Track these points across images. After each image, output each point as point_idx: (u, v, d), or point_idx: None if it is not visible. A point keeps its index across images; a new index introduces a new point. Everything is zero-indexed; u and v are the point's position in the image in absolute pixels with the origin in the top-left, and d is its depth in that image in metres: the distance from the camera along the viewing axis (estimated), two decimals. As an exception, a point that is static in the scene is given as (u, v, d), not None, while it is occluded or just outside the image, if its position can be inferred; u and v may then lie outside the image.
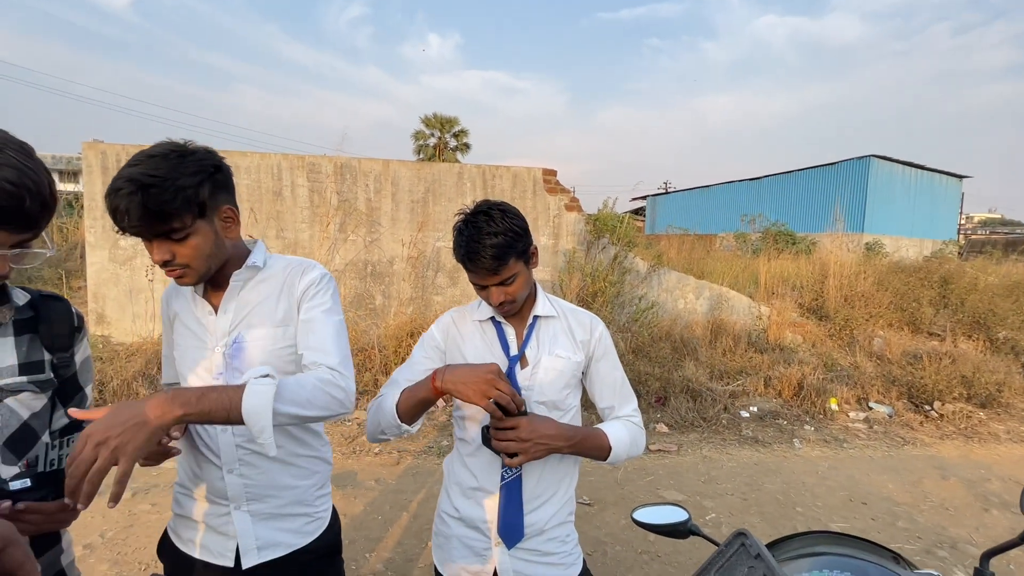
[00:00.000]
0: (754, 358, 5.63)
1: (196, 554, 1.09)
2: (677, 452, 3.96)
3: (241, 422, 0.86)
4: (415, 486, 3.26)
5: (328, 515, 1.21)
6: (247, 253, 1.11)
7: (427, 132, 26.04)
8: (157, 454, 0.95)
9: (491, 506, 1.16)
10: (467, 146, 26.47)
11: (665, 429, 4.34)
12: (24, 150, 0.78)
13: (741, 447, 4.11)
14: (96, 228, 5.28)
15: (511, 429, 1.02)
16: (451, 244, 1.14)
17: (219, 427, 1.04)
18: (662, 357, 5.28)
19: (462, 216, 1.12)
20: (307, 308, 1.08)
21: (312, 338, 1.05)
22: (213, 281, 1.09)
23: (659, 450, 3.96)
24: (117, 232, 0.94)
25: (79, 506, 0.74)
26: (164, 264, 0.97)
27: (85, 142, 5.26)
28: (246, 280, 1.09)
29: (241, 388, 0.87)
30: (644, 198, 29.70)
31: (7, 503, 0.74)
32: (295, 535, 1.12)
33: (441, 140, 25.97)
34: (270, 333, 1.07)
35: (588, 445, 1.12)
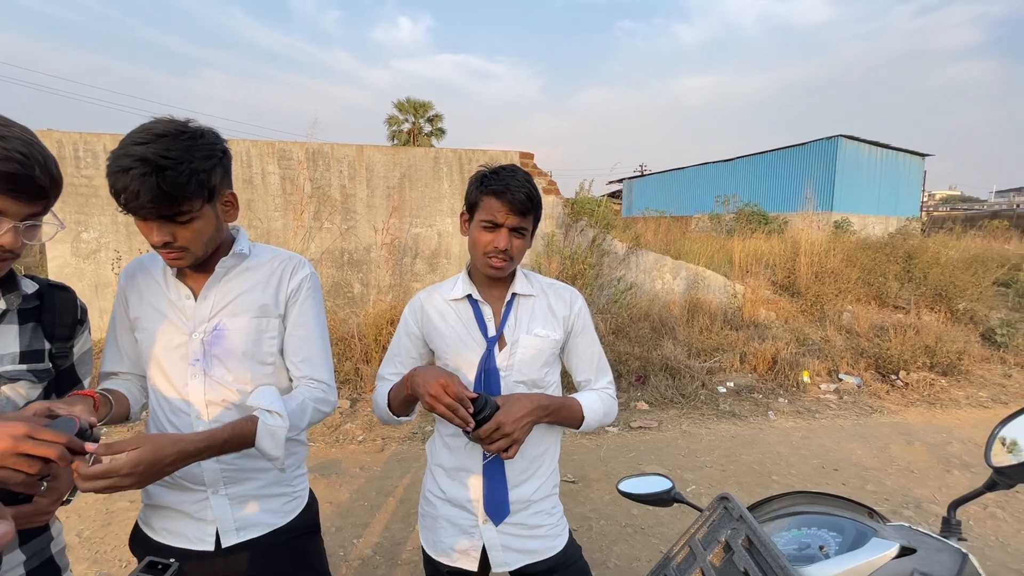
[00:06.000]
0: (730, 335, 5.76)
1: (172, 542, 1.07)
2: (658, 428, 4.05)
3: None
4: (400, 471, 3.27)
5: (306, 494, 1.22)
6: (231, 239, 1.10)
7: (400, 117, 25.54)
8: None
9: (475, 485, 1.17)
10: (442, 131, 26.08)
11: (646, 406, 4.43)
12: (28, 131, 0.81)
13: (719, 421, 4.23)
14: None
15: (495, 430, 1.01)
16: (428, 229, 1.15)
17: (194, 415, 1.03)
18: (641, 337, 5.36)
19: (488, 168, 1.14)
20: (299, 312, 1.12)
21: (304, 349, 1.12)
22: (193, 264, 1.06)
23: (640, 427, 4.04)
24: (120, 211, 0.91)
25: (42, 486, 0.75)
26: (164, 246, 0.94)
27: (39, 131, 5.00)
28: (231, 267, 1.07)
29: (253, 423, 0.96)
30: (620, 181, 29.84)
31: None
32: (274, 515, 1.12)
33: (415, 125, 25.51)
34: (253, 323, 1.07)
35: (564, 414, 1.15)
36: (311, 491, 1.25)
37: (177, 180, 0.87)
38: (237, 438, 0.95)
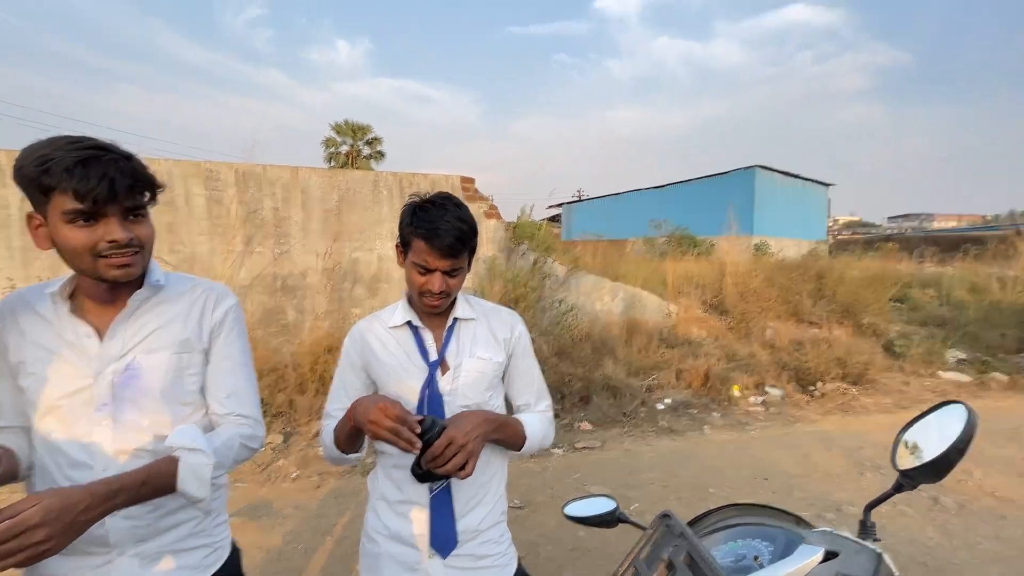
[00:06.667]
0: (666, 353, 6.00)
1: None
2: (601, 448, 4.11)
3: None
4: (338, 509, 3.09)
5: (228, 544, 1.12)
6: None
7: (339, 140, 25.03)
8: None
9: (421, 518, 1.12)
10: (381, 154, 25.79)
11: (589, 427, 4.49)
12: None
13: (659, 437, 4.36)
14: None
15: (447, 445, 0.97)
16: (368, 253, 1.11)
17: (99, 468, 0.91)
18: (583, 357, 5.46)
19: (420, 199, 1.10)
20: (224, 345, 1.06)
21: (231, 383, 1.06)
22: (94, 296, 0.95)
23: (584, 447, 4.08)
24: (68, 215, 0.83)
25: None
26: (127, 244, 0.88)
27: (-84, 144, 4.44)
28: (144, 300, 0.98)
29: (172, 463, 0.88)
30: (560, 206, 30.74)
31: None
32: (193, 570, 1.02)
33: (354, 148, 25.06)
34: (173, 360, 0.98)
35: (509, 431, 1.14)
36: (233, 540, 1.16)
37: (145, 168, 0.89)
38: (155, 479, 0.86)
